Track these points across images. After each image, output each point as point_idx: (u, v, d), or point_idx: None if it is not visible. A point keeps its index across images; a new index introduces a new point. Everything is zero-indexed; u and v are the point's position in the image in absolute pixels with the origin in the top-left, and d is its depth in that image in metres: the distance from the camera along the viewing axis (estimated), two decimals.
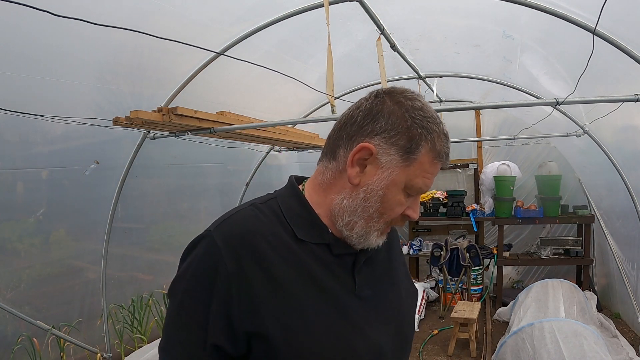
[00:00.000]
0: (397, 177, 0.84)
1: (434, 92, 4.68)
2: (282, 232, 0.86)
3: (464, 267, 5.41)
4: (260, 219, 0.86)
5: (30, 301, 3.28)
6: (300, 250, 0.85)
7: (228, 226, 0.84)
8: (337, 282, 0.86)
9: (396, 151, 0.83)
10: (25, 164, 3.06)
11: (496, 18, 3.22)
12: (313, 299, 0.83)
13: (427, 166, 0.84)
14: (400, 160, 0.84)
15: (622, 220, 4.55)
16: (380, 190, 0.85)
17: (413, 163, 0.84)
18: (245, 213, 0.87)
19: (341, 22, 3.13)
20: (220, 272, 0.79)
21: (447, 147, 0.87)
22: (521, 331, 3.44)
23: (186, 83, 3.39)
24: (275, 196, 0.93)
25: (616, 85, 3.33)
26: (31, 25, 2.28)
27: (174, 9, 2.70)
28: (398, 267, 1.05)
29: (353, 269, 0.90)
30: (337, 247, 0.89)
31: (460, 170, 6.57)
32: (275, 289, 0.80)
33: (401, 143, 0.83)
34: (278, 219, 0.87)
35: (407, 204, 0.88)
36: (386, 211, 0.86)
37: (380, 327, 0.90)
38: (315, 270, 0.85)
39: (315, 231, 0.88)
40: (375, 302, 0.91)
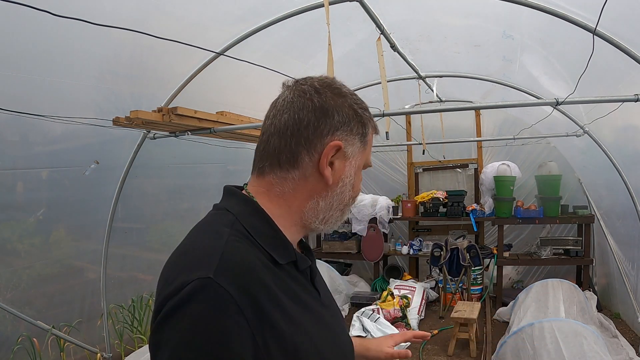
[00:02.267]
0: (360, 161, 0.91)
1: (434, 92, 4.68)
2: (265, 260, 0.78)
3: (464, 267, 5.41)
4: (248, 249, 0.77)
5: (30, 301, 3.27)
6: (282, 274, 0.80)
7: (229, 265, 0.72)
8: (310, 296, 0.87)
9: (357, 139, 0.88)
10: (25, 164, 3.06)
11: (496, 18, 3.22)
12: (309, 321, 0.82)
13: (372, 142, 0.94)
14: (361, 145, 0.90)
15: (622, 220, 4.55)
16: (351, 178, 0.89)
17: (366, 145, 0.91)
18: (234, 244, 0.76)
19: (341, 22, 3.13)
20: (243, 327, 0.67)
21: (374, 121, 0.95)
22: (521, 331, 3.44)
23: (186, 83, 3.39)
24: (235, 217, 0.82)
25: (616, 85, 3.33)
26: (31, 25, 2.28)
27: (174, 9, 2.70)
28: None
29: (312, 280, 0.91)
30: (301, 262, 0.86)
31: (460, 170, 6.57)
32: (288, 320, 0.75)
33: (359, 130, 0.88)
34: (253, 244, 0.79)
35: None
36: (356, 194, 0.92)
37: (342, 323, 0.98)
38: (297, 291, 0.82)
39: (285, 250, 0.83)
40: (331, 306, 0.96)
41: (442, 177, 6.68)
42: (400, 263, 6.60)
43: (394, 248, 6.27)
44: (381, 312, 4.65)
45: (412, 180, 6.72)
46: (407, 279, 5.90)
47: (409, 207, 6.21)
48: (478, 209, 5.88)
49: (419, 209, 6.31)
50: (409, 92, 5.16)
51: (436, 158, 6.36)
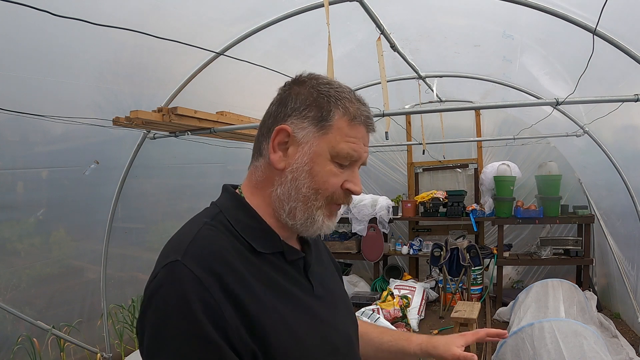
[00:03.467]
0: (318, 147, 0.85)
1: (434, 92, 4.68)
2: (240, 247, 0.83)
3: (464, 267, 5.41)
4: (220, 236, 0.83)
5: (30, 301, 3.27)
6: (260, 262, 0.84)
7: (197, 249, 0.78)
8: (299, 287, 0.88)
9: (309, 123, 0.85)
10: (26, 164, 3.06)
11: (496, 18, 3.22)
12: (286, 307, 0.83)
13: (347, 130, 0.86)
14: (316, 130, 0.85)
15: (622, 220, 4.55)
16: (305, 166, 0.85)
17: (330, 130, 0.85)
18: (206, 233, 0.82)
19: (341, 22, 3.13)
20: (209, 303, 0.72)
21: (365, 110, 0.88)
22: (521, 331, 3.43)
23: (186, 83, 3.39)
24: (220, 209, 0.88)
25: (616, 85, 3.33)
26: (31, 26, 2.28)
27: (174, 9, 2.70)
28: (332, 263, 1.11)
29: (306, 272, 0.92)
30: (290, 253, 0.90)
31: (460, 170, 6.57)
32: (257, 303, 0.78)
33: (312, 114, 0.85)
34: (232, 233, 0.84)
35: (343, 176, 0.87)
36: (319, 185, 0.86)
37: (343, 319, 0.97)
38: (278, 280, 0.85)
39: (268, 241, 0.87)
40: (330, 298, 0.96)
41: (442, 177, 6.67)
42: (400, 263, 6.60)
43: (394, 248, 6.27)
44: (381, 312, 4.65)
45: (412, 180, 6.72)
46: (407, 279, 5.90)
47: (409, 207, 6.21)
48: (478, 209, 5.88)
49: (419, 209, 6.31)
50: (409, 92, 5.17)
51: (436, 158, 6.36)
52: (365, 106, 0.90)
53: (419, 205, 6.29)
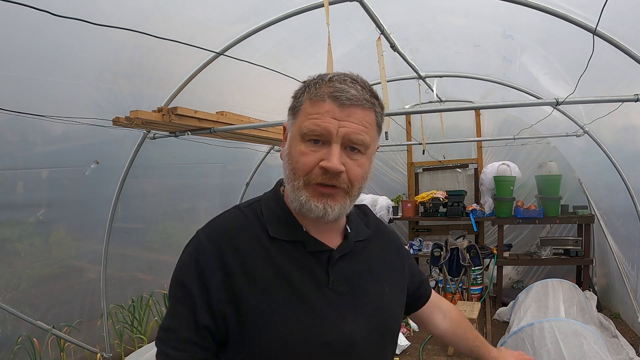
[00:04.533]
0: (292, 132, 0.94)
1: (434, 92, 4.68)
2: (258, 231, 0.95)
3: (464, 267, 5.41)
4: (240, 219, 0.97)
5: (30, 301, 3.27)
6: (272, 247, 0.93)
7: (212, 227, 0.96)
8: (310, 277, 0.92)
9: (290, 114, 0.96)
10: (25, 164, 3.06)
11: (496, 18, 3.22)
12: (282, 292, 0.89)
13: (310, 109, 0.90)
14: (292, 118, 0.95)
15: (622, 220, 4.55)
16: (286, 150, 0.95)
17: (298, 113, 0.93)
18: (227, 215, 0.99)
19: (341, 22, 3.13)
20: (205, 266, 0.89)
21: (332, 86, 0.90)
22: (521, 331, 3.44)
23: (186, 83, 3.39)
24: (261, 199, 1.02)
25: (616, 85, 3.32)
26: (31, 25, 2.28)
27: (174, 9, 2.70)
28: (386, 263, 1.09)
29: (327, 265, 0.95)
30: (310, 244, 0.95)
31: (460, 170, 6.57)
32: (249, 280, 0.88)
33: (291, 105, 0.96)
34: (257, 219, 0.97)
35: (318, 155, 0.89)
36: (295, 166, 0.91)
37: (355, 319, 0.94)
38: (285, 265, 0.91)
39: (289, 229, 0.96)
40: (351, 296, 0.95)
41: (442, 177, 6.68)
42: None
43: None
44: None
45: (412, 180, 6.72)
46: None
47: (409, 207, 6.21)
48: (478, 209, 5.88)
49: (419, 209, 6.31)
50: (409, 92, 5.16)
51: (436, 158, 6.36)
52: (342, 83, 0.90)
53: (419, 205, 6.29)
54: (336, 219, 0.93)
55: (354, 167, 0.91)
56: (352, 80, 0.93)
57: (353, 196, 0.93)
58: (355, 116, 0.90)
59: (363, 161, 0.92)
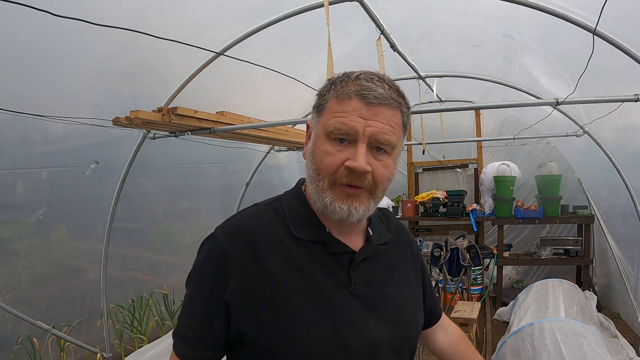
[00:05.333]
0: (317, 130, 0.91)
1: (434, 92, 4.68)
2: (279, 230, 0.92)
3: (464, 267, 5.41)
4: (260, 217, 0.94)
5: (30, 301, 3.27)
6: (294, 246, 0.91)
7: (230, 224, 0.94)
8: (331, 279, 0.90)
9: (314, 112, 0.94)
10: (25, 164, 3.06)
11: (496, 18, 3.22)
12: (303, 293, 0.87)
13: (336, 107, 0.88)
14: (317, 116, 0.92)
15: (622, 220, 4.55)
16: (310, 149, 0.93)
17: (324, 111, 0.90)
18: (246, 212, 0.96)
19: (341, 22, 3.13)
20: (222, 265, 0.88)
21: (359, 84, 0.87)
22: (521, 331, 3.43)
23: (186, 83, 3.39)
24: (281, 197, 1.01)
25: (616, 85, 3.32)
26: (31, 25, 2.28)
27: (174, 9, 2.70)
28: (406, 268, 1.07)
29: (349, 267, 0.92)
30: (333, 245, 0.93)
31: (460, 170, 6.57)
32: (269, 280, 0.87)
33: (316, 103, 0.93)
34: (278, 217, 0.95)
35: (344, 154, 0.86)
36: (319, 166, 0.88)
37: (376, 323, 0.91)
38: (308, 266, 0.89)
39: (312, 229, 0.93)
40: (372, 299, 0.93)
41: (442, 177, 6.67)
42: None
43: None
44: None
45: (412, 180, 6.72)
46: None
47: (409, 207, 6.21)
48: (478, 209, 5.88)
49: (419, 209, 6.31)
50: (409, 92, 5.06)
51: (436, 158, 6.36)
52: (369, 81, 0.88)
53: (419, 205, 6.29)
54: (360, 220, 0.91)
55: (380, 167, 0.88)
56: (379, 79, 0.90)
57: (377, 197, 0.91)
58: (382, 115, 0.87)
59: (389, 162, 0.90)
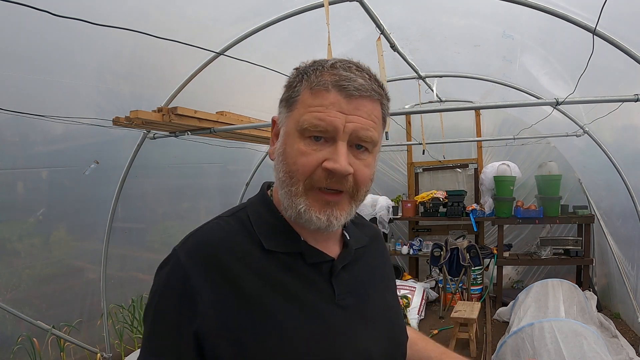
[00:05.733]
0: (288, 127, 0.80)
1: (434, 92, 4.68)
2: (249, 243, 0.81)
3: (464, 267, 5.41)
4: (226, 230, 0.82)
5: (30, 301, 3.27)
6: (268, 261, 0.80)
7: (192, 242, 0.81)
8: (314, 292, 0.81)
9: (283, 106, 0.83)
10: (25, 164, 3.06)
11: (496, 18, 3.22)
12: (288, 312, 0.77)
13: (310, 100, 0.77)
14: (286, 111, 0.81)
15: (622, 220, 4.55)
16: (280, 149, 0.81)
17: (295, 105, 0.79)
18: (209, 227, 0.83)
19: (341, 22, 3.13)
20: (186, 290, 0.75)
21: (337, 73, 0.77)
22: (521, 331, 3.43)
23: (186, 83, 3.39)
24: (246, 205, 0.89)
25: (616, 85, 3.33)
26: (31, 25, 2.28)
27: (174, 9, 2.70)
28: (384, 271, 1.01)
29: (330, 277, 0.84)
30: (310, 255, 0.83)
31: (460, 170, 6.57)
32: (245, 303, 0.75)
33: (285, 96, 0.83)
34: (245, 229, 0.83)
35: (321, 154, 0.76)
36: (292, 168, 0.78)
37: (368, 333, 0.85)
38: (287, 282, 0.79)
39: (285, 240, 0.82)
40: (359, 308, 0.86)
41: (442, 177, 6.68)
42: (400, 263, 6.60)
43: (394, 248, 6.27)
44: None
45: (412, 180, 6.72)
46: (407, 279, 5.90)
47: (409, 207, 6.21)
48: (478, 209, 5.88)
49: (419, 209, 6.31)
50: (409, 92, 5.16)
51: (436, 158, 6.36)
52: (347, 70, 0.77)
53: (419, 205, 6.29)
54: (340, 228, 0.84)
55: (362, 167, 0.79)
56: (358, 67, 0.79)
57: (359, 201, 0.83)
58: (363, 109, 0.77)
59: (370, 160, 0.82)
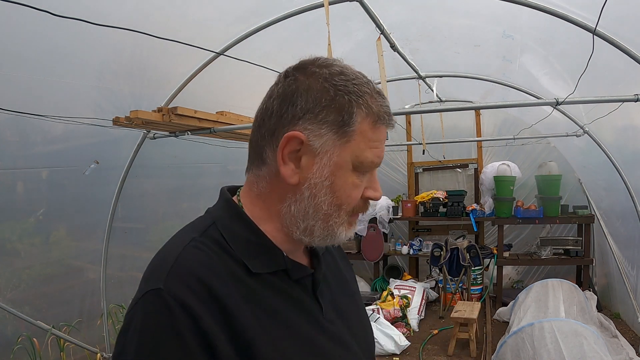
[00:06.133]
0: (340, 158, 0.72)
1: (434, 92, 4.68)
2: (232, 266, 0.71)
3: (464, 267, 5.41)
4: (207, 254, 0.71)
5: (30, 301, 3.27)
6: (257, 285, 0.72)
7: (181, 276, 0.67)
8: (305, 311, 0.76)
9: (328, 129, 0.71)
10: (25, 164, 3.06)
11: (496, 18, 3.22)
12: (285, 337, 0.71)
13: (371, 134, 0.72)
14: (337, 138, 0.71)
15: (622, 220, 4.55)
16: (326, 181, 0.72)
17: (352, 136, 0.71)
18: (191, 254, 0.70)
19: (341, 22, 3.13)
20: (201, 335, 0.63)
21: (386, 105, 0.74)
22: (521, 331, 3.44)
23: (186, 83, 3.39)
24: (214, 221, 0.77)
25: (616, 85, 3.33)
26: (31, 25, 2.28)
27: (174, 9, 2.70)
28: (348, 273, 0.98)
29: (314, 292, 0.79)
30: (295, 271, 0.77)
31: (460, 170, 6.57)
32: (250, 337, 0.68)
33: (331, 118, 0.70)
34: (225, 251, 0.72)
35: (363, 184, 0.76)
36: (342, 201, 0.73)
37: (357, 347, 0.83)
38: (278, 304, 0.73)
39: (269, 258, 0.75)
40: (343, 321, 0.83)
41: (442, 177, 6.68)
42: (400, 263, 6.60)
43: (394, 248, 6.27)
44: (381, 312, 4.65)
45: (412, 180, 6.72)
46: (407, 279, 5.90)
47: (409, 207, 6.21)
48: (478, 209, 5.88)
49: (419, 209, 6.31)
50: (409, 92, 5.16)
51: (436, 158, 6.36)
52: (385, 99, 0.75)
53: (419, 205, 6.29)
54: None
55: None
56: (375, 88, 0.75)
57: None
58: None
59: None
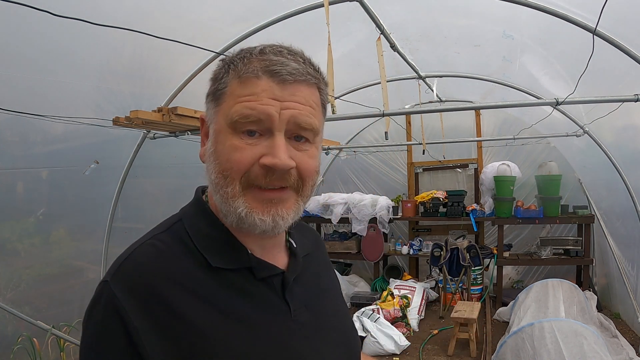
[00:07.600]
0: (218, 123, 0.72)
1: (434, 92, 4.68)
2: (192, 265, 0.71)
3: (464, 267, 5.41)
4: (164, 253, 0.71)
5: (30, 301, 3.27)
6: (215, 282, 0.71)
7: (126, 272, 0.69)
8: (269, 312, 0.74)
9: (209, 101, 0.75)
10: (25, 164, 3.06)
11: (496, 18, 3.22)
12: (244, 342, 0.69)
13: (239, 90, 0.70)
14: (214, 106, 0.73)
15: (622, 220, 4.55)
16: (210, 148, 0.73)
17: (223, 99, 0.72)
18: (143, 251, 0.72)
19: (341, 22, 3.13)
20: (128, 333, 0.64)
21: (269, 60, 0.70)
22: (521, 331, 3.44)
23: (186, 83, 3.39)
24: (181, 217, 0.78)
25: (616, 85, 3.33)
26: (31, 25, 2.28)
27: (174, 9, 2.70)
28: (330, 276, 0.96)
29: (284, 292, 0.77)
30: (260, 269, 0.75)
31: (460, 170, 6.57)
32: (195, 338, 0.66)
33: (211, 89, 0.74)
34: (186, 247, 0.73)
35: (257, 149, 0.69)
36: (225, 166, 0.69)
37: (327, 349, 0.80)
38: (238, 305, 0.71)
39: (231, 254, 0.74)
40: (317, 323, 0.80)
41: (442, 177, 6.68)
42: (400, 263, 6.60)
43: (394, 248, 6.27)
44: (381, 312, 4.65)
45: (412, 180, 6.72)
46: (407, 279, 5.90)
47: (409, 207, 6.21)
48: (478, 209, 5.88)
49: (419, 209, 6.31)
50: (409, 92, 5.17)
51: (436, 158, 6.36)
52: (278, 55, 0.72)
53: (419, 205, 6.29)
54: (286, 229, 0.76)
55: (305, 159, 0.72)
56: (290, 51, 0.74)
57: (306, 197, 0.75)
58: (300, 94, 0.70)
59: (313, 151, 0.74)
